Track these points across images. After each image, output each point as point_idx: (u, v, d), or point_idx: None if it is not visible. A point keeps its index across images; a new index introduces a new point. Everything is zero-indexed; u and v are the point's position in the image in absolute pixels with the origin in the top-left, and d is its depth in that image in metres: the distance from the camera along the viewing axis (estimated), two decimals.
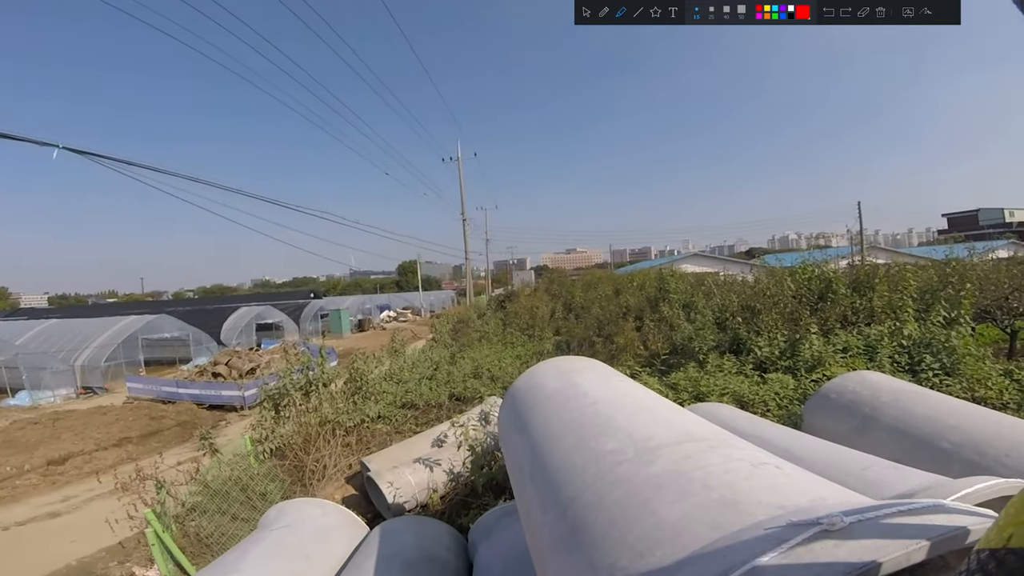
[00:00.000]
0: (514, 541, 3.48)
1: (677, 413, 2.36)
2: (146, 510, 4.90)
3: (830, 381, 4.67)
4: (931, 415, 3.59)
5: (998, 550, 0.71)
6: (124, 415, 14.16)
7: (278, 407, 7.73)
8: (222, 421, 13.97)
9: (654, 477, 1.66)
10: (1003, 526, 0.74)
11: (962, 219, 53.81)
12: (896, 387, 4.18)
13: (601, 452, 1.95)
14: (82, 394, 18.67)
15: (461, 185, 34.79)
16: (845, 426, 4.02)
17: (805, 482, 1.54)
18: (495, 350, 14.13)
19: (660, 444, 1.87)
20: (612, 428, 2.11)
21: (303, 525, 4.30)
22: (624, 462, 1.82)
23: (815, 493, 1.42)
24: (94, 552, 7.16)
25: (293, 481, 6.76)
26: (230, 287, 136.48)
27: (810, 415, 4.51)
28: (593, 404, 2.44)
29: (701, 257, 40.33)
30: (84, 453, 11.31)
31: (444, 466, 5.75)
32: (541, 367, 3.30)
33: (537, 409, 2.69)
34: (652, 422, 2.13)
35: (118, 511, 5.60)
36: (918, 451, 3.35)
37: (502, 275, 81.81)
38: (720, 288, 13.38)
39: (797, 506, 1.31)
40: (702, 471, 1.61)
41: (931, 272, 10.21)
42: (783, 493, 1.41)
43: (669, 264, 23.05)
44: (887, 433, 3.68)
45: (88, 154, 7.46)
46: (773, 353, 7.57)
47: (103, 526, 5.88)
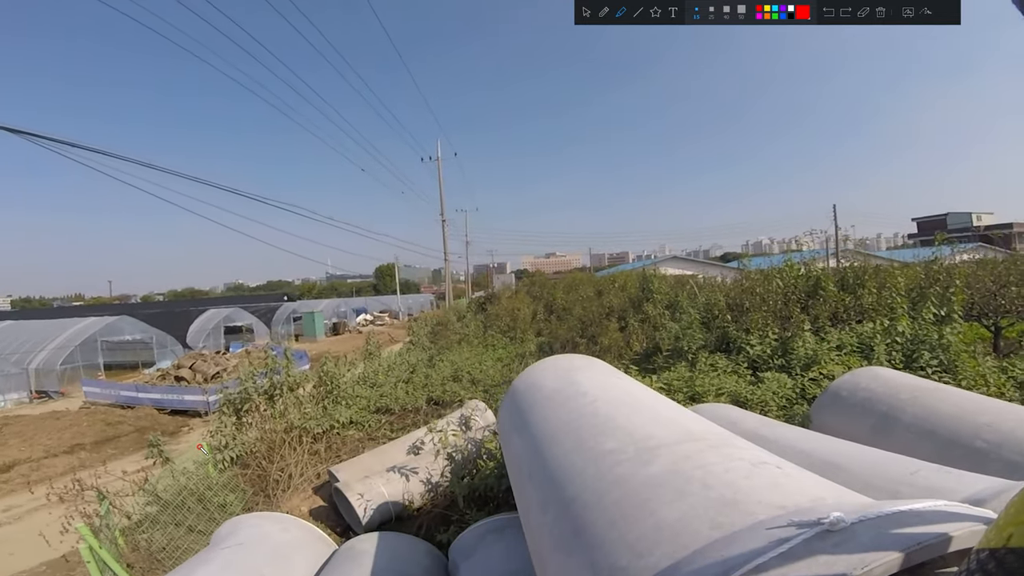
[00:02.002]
0: (499, 563, 3.04)
1: (677, 412, 2.33)
2: (78, 524, 4.33)
3: (840, 378, 4.35)
4: (959, 413, 3.29)
5: (998, 550, 0.71)
6: (78, 420, 13.31)
7: (239, 412, 7.14)
8: (184, 427, 13.26)
9: (654, 477, 1.65)
10: (1003, 526, 0.74)
11: (931, 223, 55.14)
12: (913, 383, 3.88)
13: (600, 452, 1.94)
14: (36, 399, 17.66)
15: (440, 184, 34.34)
16: (861, 426, 3.68)
17: (805, 482, 1.52)
18: (476, 352, 13.72)
19: (660, 444, 1.85)
20: (611, 427, 2.10)
21: (259, 542, 3.81)
22: (623, 462, 1.80)
23: (815, 493, 1.40)
24: (34, 567, 6.60)
25: (256, 492, 6.28)
26: (202, 291, 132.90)
27: (819, 415, 4.18)
28: (592, 403, 2.41)
29: (680, 260, 40.47)
30: (31, 460, 10.55)
31: (421, 476, 5.29)
32: (540, 365, 3.28)
33: (536, 408, 2.68)
34: (652, 421, 2.12)
35: (63, 522, 5.05)
36: (949, 452, 3.02)
37: (482, 279, 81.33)
38: (702, 289, 13.19)
39: (798, 506, 1.30)
40: (701, 470, 1.59)
41: (918, 270, 10.17)
42: (784, 493, 1.40)
43: (652, 266, 22.91)
44: (912, 433, 3.35)
45: (24, 133, 6.79)
46: (765, 352, 7.30)
47: (48, 540, 5.31)
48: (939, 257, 9.92)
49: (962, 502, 2.03)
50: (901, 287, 8.54)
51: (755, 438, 3.30)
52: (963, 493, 2.06)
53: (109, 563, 4.25)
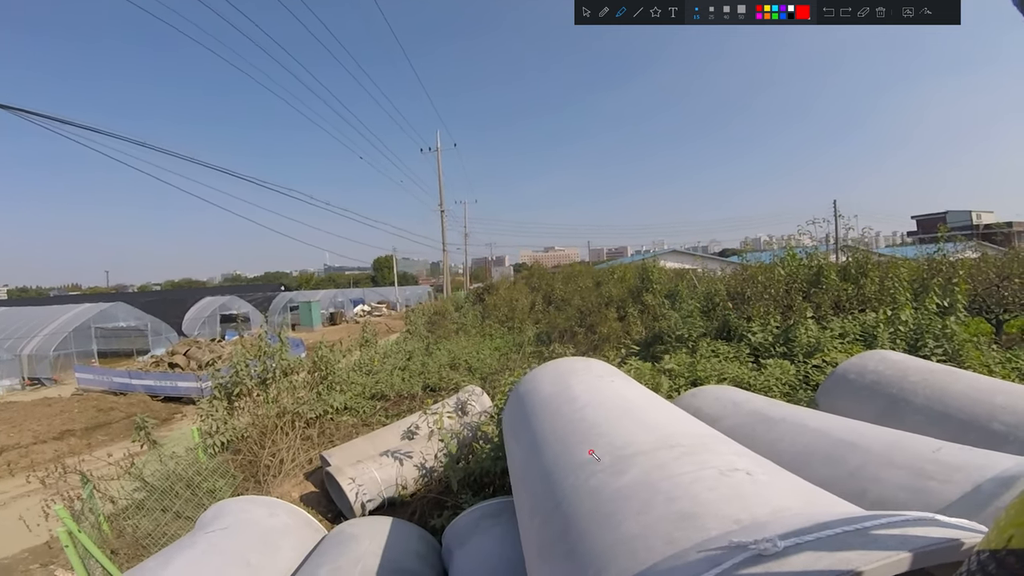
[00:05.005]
0: (495, 549, 2.91)
1: (662, 414, 2.34)
2: (57, 506, 4.19)
3: (847, 361, 4.23)
4: (973, 395, 3.16)
5: (998, 551, 0.71)
6: (69, 407, 13.15)
7: (231, 397, 6.99)
8: (177, 414, 13.10)
9: (624, 488, 1.68)
10: (1003, 527, 0.73)
11: (930, 221, 54.98)
12: (923, 366, 3.76)
13: (581, 461, 1.98)
14: (28, 385, 17.50)
15: (440, 174, 34.01)
16: (870, 409, 3.55)
17: (772, 490, 1.52)
18: (473, 342, 13.61)
19: (636, 452, 1.88)
20: (595, 435, 2.14)
21: (246, 527, 3.68)
22: (599, 472, 1.84)
23: (778, 503, 1.41)
24: (16, 553, 6.45)
25: (246, 477, 6.16)
26: (199, 281, 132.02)
27: (826, 398, 4.05)
28: (581, 409, 2.48)
29: (680, 254, 40.28)
30: (20, 447, 10.39)
31: (415, 460, 5.17)
32: (541, 369, 3.39)
33: (532, 414, 2.77)
34: (634, 426, 2.16)
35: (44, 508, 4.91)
36: (964, 435, 2.89)
37: (481, 272, 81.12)
38: (702, 280, 13.08)
39: (754, 519, 1.31)
40: (669, 481, 1.62)
41: (921, 261, 10.07)
42: (744, 504, 1.41)
43: (652, 258, 22.73)
44: (923, 415, 3.22)
45: (14, 109, 6.59)
46: (767, 339, 7.19)
47: (30, 525, 5.18)
48: (942, 250, 9.83)
49: (993, 479, 1.93)
50: (904, 277, 8.45)
51: (761, 418, 3.17)
52: (993, 469, 1.94)
53: (89, 547, 4.11)
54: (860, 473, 2.29)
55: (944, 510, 1.90)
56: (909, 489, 2.07)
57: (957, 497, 1.91)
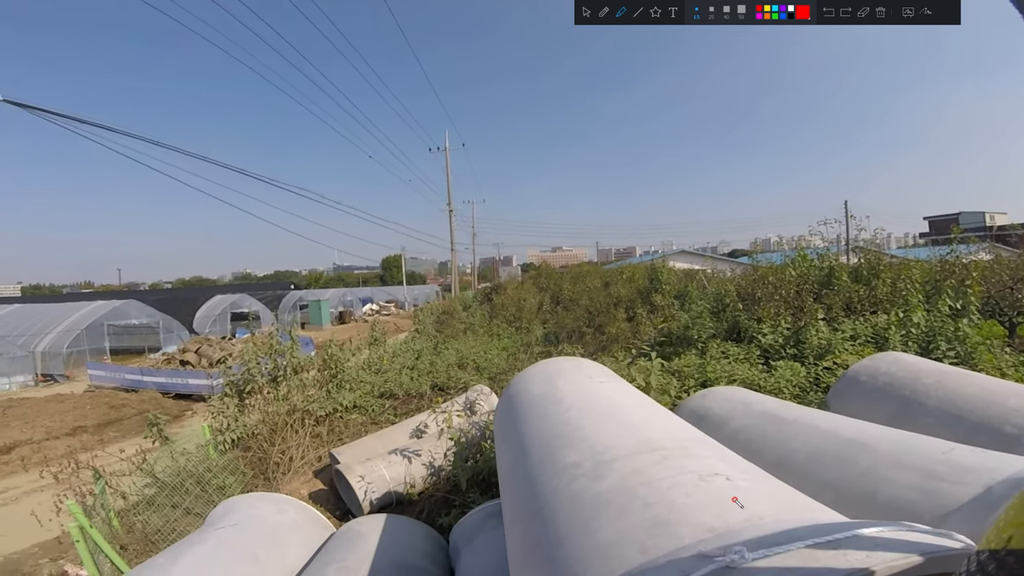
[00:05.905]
0: (503, 546, 2.91)
1: (648, 418, 2.31)
2: (69, 501, 4.24)
3: (859, 362, 4.19)
4: (986, 397, 3.13)
5: (998, 551, 0.71)
6: (82, 403, 13.33)
7: (242, 394, 7.05)
8: (188, 411, 13.23)
9: (602, 494, 1.67)
10: (1003, 527, 0.74)
11: (943, 222, 54.34)
12: (936, 368, 3.72)
13: (563, 465, 1.96)
14: (42, 381, 17.74)
15: (448, 173, 34.09)
16: (882, 411, 3.52)
17: (750, 496, 1.49)
18: (481, 341, 13.60)
19: (616, 456, 1.86)
20: (578, 438, 2.11)
21: (255, 523, 3.70)
22: (579, 476, 1.82)
23: (754, 511, 1.39)
24: (26, 548, 6.54)
25: (256, 474, 6.20)
26: (209, 279, 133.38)
27: (837, 400, 4.02)
28: (566, 412, 2.44)
29: (689, 255, 40.02)
30: (32, 442, 10.53)
31: (423, 458, 5.18)
32: (530, 370, 3.33)
33: (520, 418, 2.72)
34: (618, 429, 2.13)
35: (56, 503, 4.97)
36: (975, 437, 2.86)
37: (488, 272, 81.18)
38: (712, 281, 13.01)
39: (728, 527, 1.30)
40: (647, 487, 1.60)
41: (934, 263, 9.96)
42: (720, 511, 1.40)
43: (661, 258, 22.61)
44: (935, 418, 3.19)
45: (31, 108, 6.70)
46: (777, 341, 7.14)
47: (41, 520, 5.25)
48: (955, 251, 9.71)
49: (1005, 481, 1.91)
50: (916, 279, 8.36)
51: (772, 419, 3.16)
52: (1004, 471, 1.92)
53: (99, 542, 4.16)
54: (870, 474, 2.27)
55: (955, 512, 1.88)
56: (919, 490, 2.06)
57: (968, 499, 1.90)
